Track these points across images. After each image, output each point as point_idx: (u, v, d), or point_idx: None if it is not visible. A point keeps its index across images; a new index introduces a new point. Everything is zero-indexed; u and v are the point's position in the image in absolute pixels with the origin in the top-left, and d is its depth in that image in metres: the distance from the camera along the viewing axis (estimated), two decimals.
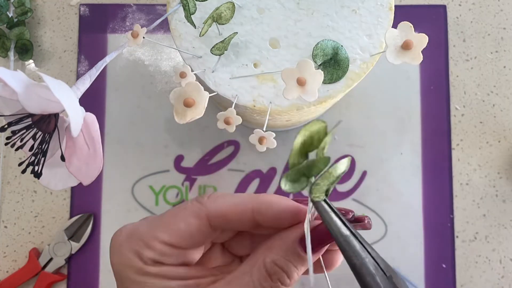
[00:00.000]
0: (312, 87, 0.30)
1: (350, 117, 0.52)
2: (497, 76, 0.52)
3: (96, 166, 0.30)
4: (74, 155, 0.30)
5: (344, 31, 0.36)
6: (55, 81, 0.28)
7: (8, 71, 0.27)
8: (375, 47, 0.36)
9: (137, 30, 0.32)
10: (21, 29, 0.51)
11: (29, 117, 0.31)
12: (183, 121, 0.31)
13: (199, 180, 0.51)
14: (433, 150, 0.51)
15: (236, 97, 0.35)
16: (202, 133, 0.52)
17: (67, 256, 0.49)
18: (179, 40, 0.36)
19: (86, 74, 0.32)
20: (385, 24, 0.36)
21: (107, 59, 0.32)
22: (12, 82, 0.27)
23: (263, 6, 0.36)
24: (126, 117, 0.52)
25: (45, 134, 0.31)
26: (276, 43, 0.36)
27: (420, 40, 0.31)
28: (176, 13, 0.36)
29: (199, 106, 0.31)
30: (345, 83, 0.35)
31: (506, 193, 0.51)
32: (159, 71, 0.52)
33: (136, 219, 0.53)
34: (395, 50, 0.31)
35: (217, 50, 0.34)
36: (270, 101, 0.35)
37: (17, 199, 0.51)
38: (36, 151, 0.31)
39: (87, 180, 0.31)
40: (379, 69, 0.41)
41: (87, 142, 0.30)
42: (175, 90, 0.31)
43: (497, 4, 0.53)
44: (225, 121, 0.32)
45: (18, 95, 0.27)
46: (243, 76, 0.35)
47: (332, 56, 0.35)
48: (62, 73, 0.53)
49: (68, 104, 0.27)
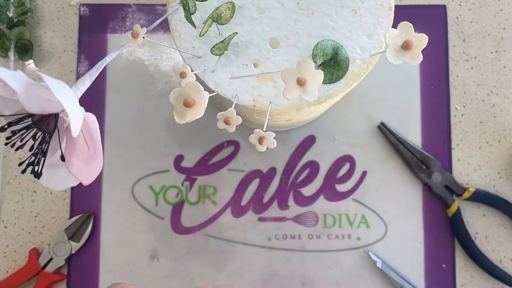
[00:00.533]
0: (312, 87, 0.30)
1: (350, 117, 0.52)
2: (497, 76, 0.52)
3: (96, 166, 0.30)
4: (74, 155, 0.30)
5: (344, 31, 0.36)
6: (55, 81, 0.28)
7: (8, 71, 0.27)
8: (375, 47, 0.36)
9: (137, 30, 0.32)
10: (21, 29, 0.51)
11: (29, 117, 0.31)
12: (183, 121, 0.31)
13: (199, 180, 0.51)
14: (433, 150, 0.51)
15: (236, 97, 0.35)
16: (202, 133, 0.52)
17: (67, 256, 0.49)
18: (179, 40, 0.36)
19: (86, 74, 0.32)
20: (385, 24, 0.36)
21: (107, 59, 0.32)
22: (12, 82, 0.27)
23: (263, 6, 0.36)
24: (126, 117, 0.52)
25: (45, 134, 0.31)
26: (276, 43, 0.36)
27: (420, 40, 0.31)
28: (176, 13, 0.36)
29: (199, 106, 0.31)
30: (345, 83, 0.35)
31: (506, 193, 0.51)
32: (159, 71, 0.52)
33: (136, 219, 0.54)
34: (395, 50, 0.31)
35: (217, 50, 0.34)
36: (270, 101, 0.35)
37: (17, 199, 0.51)
38: (36, 151, 0.31)
39: (87, 180, 0.31)
40: (379, 69, 0.41)
41: (87, 142, 0.30)
42: (175, 90, 0.31)
43: (497, 4, 0.53)
44: (225, 121, 0.32)
45: (18, 95, 0.27)
46: (243, 76, 0.35)
47: (332, 56, 0.35)
48: (62, 73, 0.53)
49: (68, 104, 0.27)
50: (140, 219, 0.51)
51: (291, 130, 0.51)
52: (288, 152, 0.51)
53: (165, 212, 0.51)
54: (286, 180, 0.51)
